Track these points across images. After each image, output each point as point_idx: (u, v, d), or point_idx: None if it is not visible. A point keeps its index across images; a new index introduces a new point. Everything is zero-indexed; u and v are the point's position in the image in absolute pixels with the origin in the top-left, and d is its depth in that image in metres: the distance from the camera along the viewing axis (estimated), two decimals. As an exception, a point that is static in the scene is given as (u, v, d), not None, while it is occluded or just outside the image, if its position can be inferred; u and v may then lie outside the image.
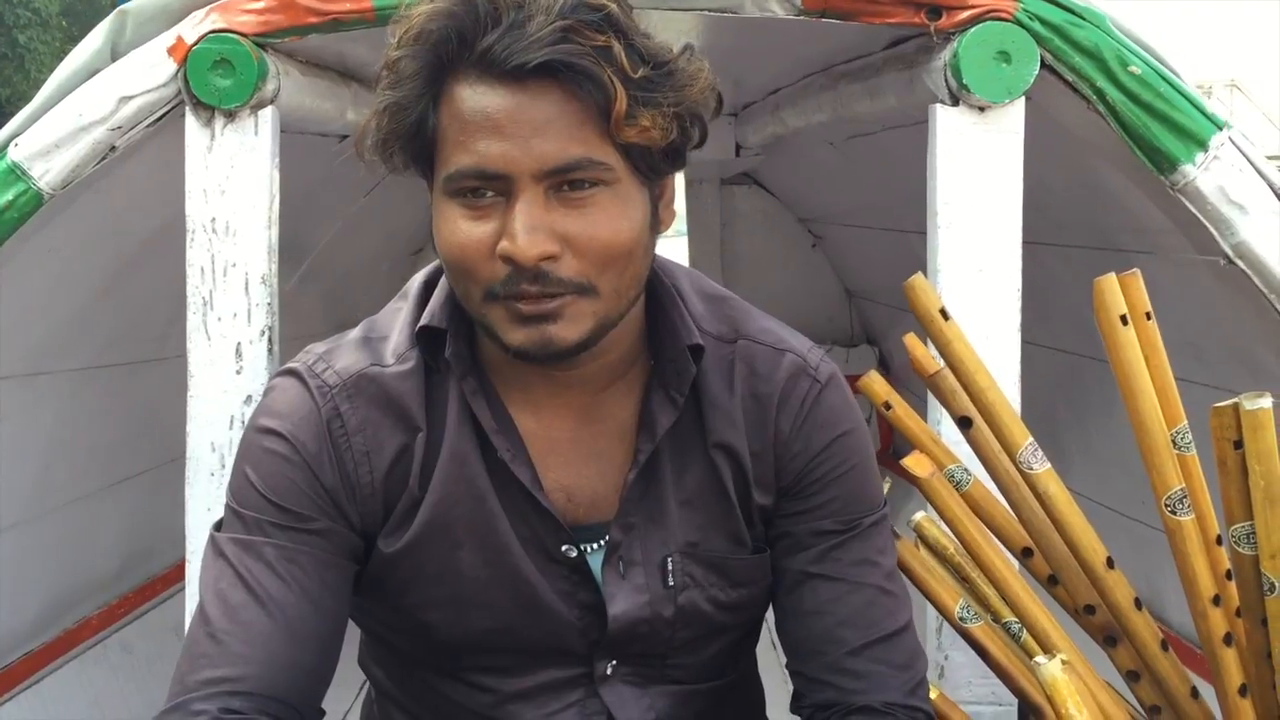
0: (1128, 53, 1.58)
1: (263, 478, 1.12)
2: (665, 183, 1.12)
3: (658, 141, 1.04)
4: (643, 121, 1.02)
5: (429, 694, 1.23)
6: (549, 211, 1.03)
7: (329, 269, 3.20)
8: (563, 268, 1.04)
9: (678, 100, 1.04)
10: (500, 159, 1.02)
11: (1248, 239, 1.59)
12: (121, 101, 1.61)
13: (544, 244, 1.02)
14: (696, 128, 1.09)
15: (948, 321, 1.32)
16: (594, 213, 1.04)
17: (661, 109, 1.03)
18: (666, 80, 1.04)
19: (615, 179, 1.05)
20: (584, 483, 1.17)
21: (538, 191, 1.03)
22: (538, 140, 1.01)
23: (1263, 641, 1.17)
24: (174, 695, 1.06)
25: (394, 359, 1.15)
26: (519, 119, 1.01)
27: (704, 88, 1.07)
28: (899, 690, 1.16)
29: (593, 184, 1.04)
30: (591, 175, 1.03)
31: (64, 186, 1.64)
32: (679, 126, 1.06)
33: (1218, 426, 1.11)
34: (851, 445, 1.20)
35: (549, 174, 1.02)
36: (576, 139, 1.02)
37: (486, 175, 1.03)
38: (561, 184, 1.03)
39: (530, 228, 1.02)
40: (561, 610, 1.17)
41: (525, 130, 1.01)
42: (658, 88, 1.03)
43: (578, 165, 1.02)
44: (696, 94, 1.06)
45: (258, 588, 1.08)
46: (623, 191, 1.05)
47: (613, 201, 1.05)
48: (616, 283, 1.07)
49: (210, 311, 1.63)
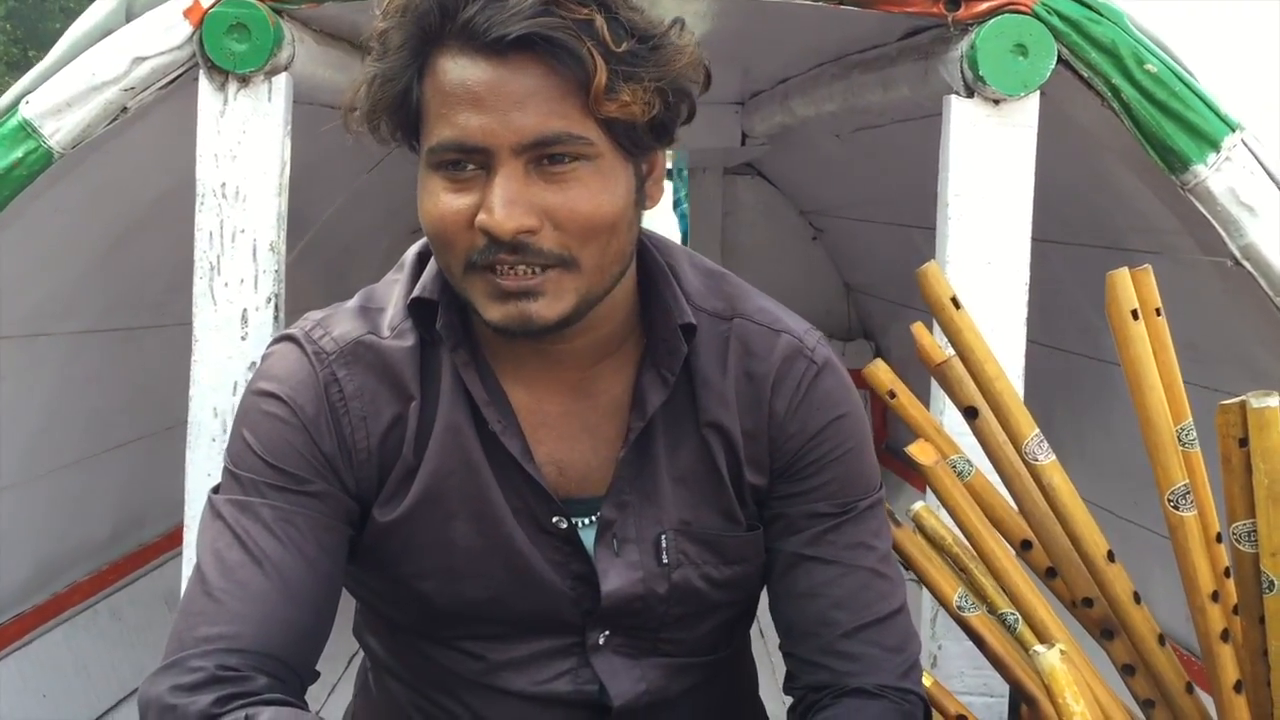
0: (1145, 51, 1.59)
1: (260, 440, 1.12)
2: (653, 158, 1.12)
3: (639, 116, 1.04)
4: (623, 96, 1.02)
5: (423, 662, 1.23)
6: (529, 185, 1.03)
7: (329, 243, 3.20)
8: (543, 240, 1.04)
9: (660, 75, 1.04)
10: (479, 132, 1.02)
11: (1256, 241, 1.59)
12: (135, 62, 1.60)
13: (521, 217, 1.02)
14: (683, 104, 1.08)
15: (959, 311, 1.32)
16: (574, 187, 1.04)
17: (644, 83, 1.03)
18: (651, 55, 1.03)
19: (596, 153, 1.04)
20: (576, 457, 1.17)
21: (517, 165, 1.03)
22: (517, 113, 1.01)
23: (1259, 639, 1.18)
24: (171, 652, 1.07)
25: (389, 331, 1.15)
26: (499, 92, 1.01)
27: (689, 63, 1.06)
28: (892, 673, 1.17)
29: (573, 158, 1.04)
30: (571, 149, 1.03)
31: (74, 146, 1.64)
32: (662, 101, 1.05)
33: (1223, 424, 1.12)
34: (848, 428, 1.20)
35: (528, 147, 1.02)
36: (556, 113, 1.02)
37: (466, 148, 1.03)
38: (542, 158, 1.03)
39: (508, 201, 1.02)
40: (554, 580, 1.17)
41: (505, 103, 1.01)
42: (641, 62, 1.03)
43: (557, 139, 1.02)
44: (681, 69, 1.05)
45: (254, 548, 1.09)
46: (604, 166, 1.05)
47: (594, 176, 1.04)
48: (599, 258, 1.06)
49: (217, 277, 1.62)
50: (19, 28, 15.51)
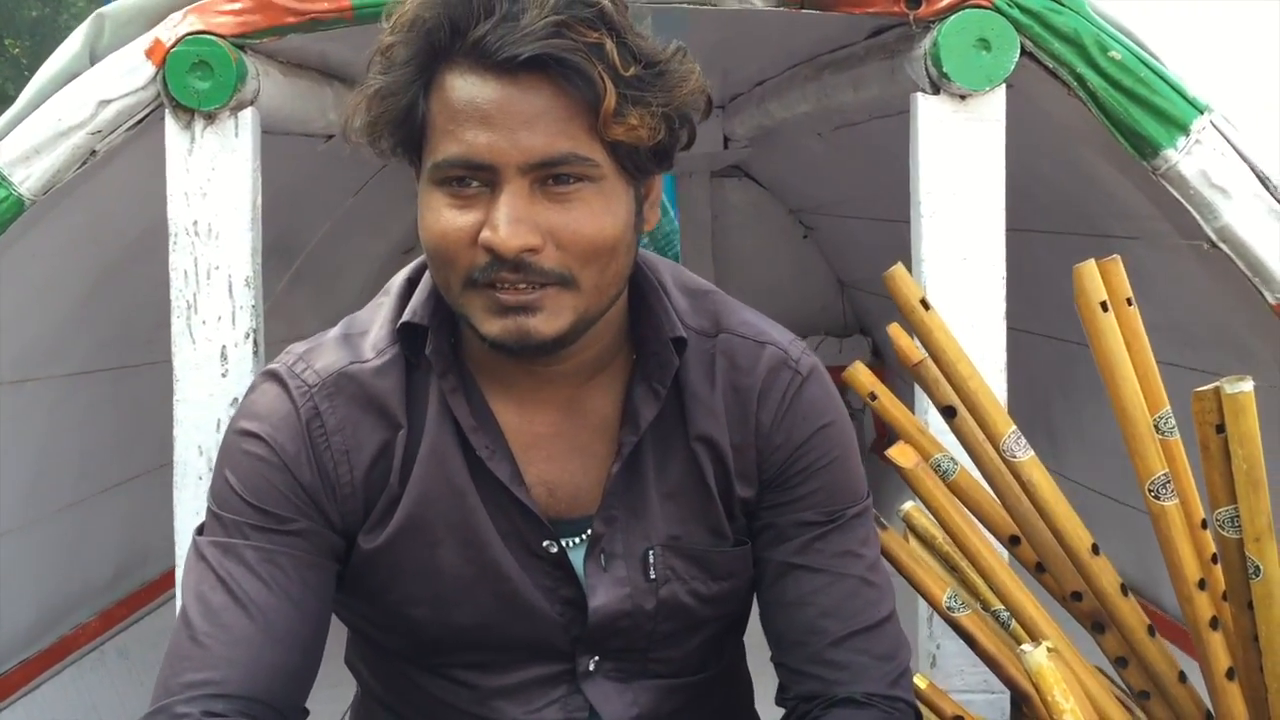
0: (1107, 38, 1.58)
1: (242, 480, 1.12)
2: (652, 183, 1.13)
3: (645, 141, 1.04)
4: (631, 120, 1.02)
5: (413, 691, 1.23)
6: (533, 204, 1.03)
7: (320, 269, 3.20)
8: (544, 259, 1.04)
9: (667, 100, 1.05)
10: (487, 150, 1.02)
11: (1231, 223, 1.59)
12: (101, 105, 1.61)
13: (526, 236, 1.03)
14: (685, 129, 1.09)
15: (928, 312, 1.32)
16: (578, 208, 1.04)
17: (651, 108, 1.03)
18: (657, 80, 1.04)
19: (601, 175, 1.05)
20: (566, 477, 1.17)
21: (523, 184, 1.03)
22: (525, 133, 1.02)
23: (1249, 625, 1.17)
24: (157, 698, 1.07)
25: (373, 354, 1.15)
26: (508, 111, 1.02)
27: (694, 89, 1.07)
28: (881, 681, 1.16)
29: (578, 179, 1.04)
30: (577, 170, 1.04)
31: (45, 192, 1.64)
32: (667, 127, 1.06)
33: (1199, 411, 1.11)
34: (833, 437, 1.20)
35: (535, 167, 1.03)
36: (564, 134, 1.02)
37: (473, 165, 1.03)
38: (547, 178, 1.04)
39: (513, 219, 1.02)
40: (543, 606, 1.17)
41: (513, 122, 1.02)
42: (648, 87, 1.03)
43: (564, 160, 1.03)
44: (686, 95, 1.06)
45: (238, 590, 1.09)
46: (608, 188, 1.06)
47: (597, 197, 1.05)
48: (598, 279, 1.07)
49: (194, 315, 1.62)
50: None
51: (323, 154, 2.50)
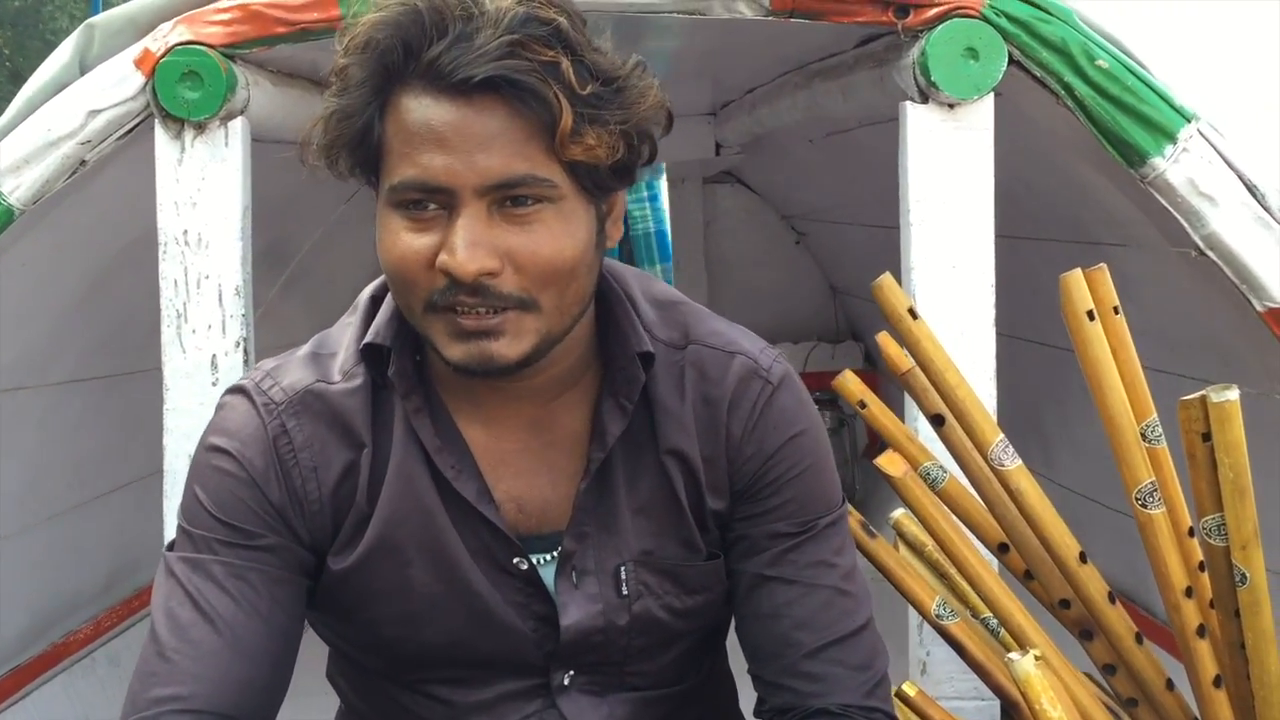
0: (1095, 47, 1.59)
1: (210, 496, 1.12)
2: (613, 199, 1.11)
3: (604, 160, 1.03)
4: (588, 139, 1.01)
5: (392, 706, 1.23)
6: (491, 227, 1.02)
7: (312, 276, 3.20)
8: (504, 283, 1.03)
9: (625, 118, 1.03)
10: (443, 172, 1.01)
11: (1218, 230, 1.59)
12: (90, 115, 1.61)
13: (483, 259, 1.02)
14: (645, 145, 1.08)
15: (916, 321, 1.32)
16: (537, 229, 1.03)
17: (608, 127, 1.02)
18: (615, 98, 1.03)
19: (560, 196, 1.04)
20: (535, 493, 1.17)
21: (480, 206, 1.02)
22: (481, 155, 1.01)
23: (1236, 632, 1.18)
24: (126, 714, 1.07)
25: (340, 376, 1.15)
26: (463, 133, 1.01)
27: (653, 105, 1.05)
28: (856, 691, 1.16)
29: (536, 200, 1.03)
30: (535, 192, 1.02)
31: (35, 201, 1.64)
32: (626, 144, 1.04)
33: (1185, 419, 1.12)
34: (805, 446, 1.18)
35: (491, 189, 1.02)
36: (521, 155, 1.01)
37: (429, 188, 1.02)
38: (505, 199, 1.03)
39: (470, 243, 1.01)
40: (515, 622, 1.17)
41: (469, 144, 1.01)
42: (605, 105, 1.02)
43: (521, 181, 1.02)
44: (645, 111, 1.05)
45: (206, 606, 1.08)
46: (567, 209, 1.04)
47: (556, 219, 1.04)
48: (559, 300, 1.06)
49: (184, 324, 1.63)
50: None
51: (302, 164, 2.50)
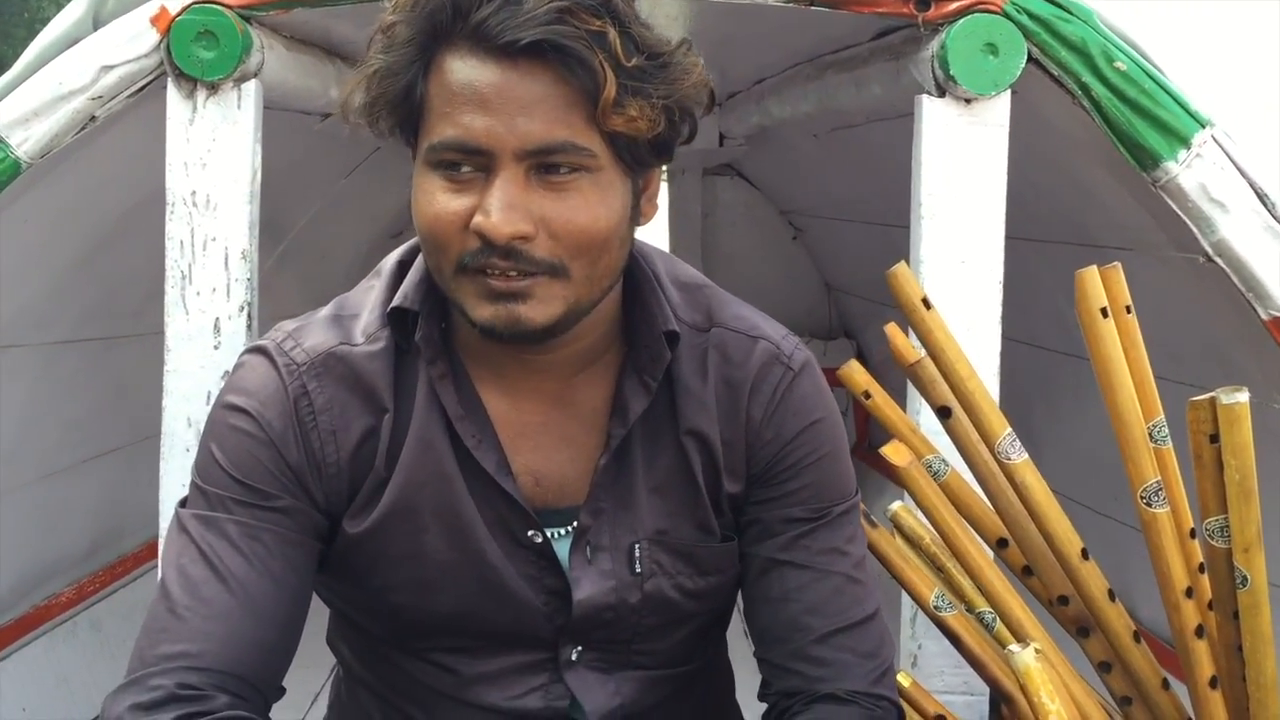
0: (1114, 48, 1.59)
1: (227, 455, 1.11)
2: (650, 176, 1.12)
3: (644, 132, 1.03)
4: (630, 111, 1.01)
5: (395, 674, 1.23)
6: (527, 191, 1.03)
7: (308, 250, 3.19)
8: (536, 248, 1.03)
9: (668, 93, 1.04)
10: (484, 134, 1.01)
11: (1227, 237, 1.60)
12: (102, 71, 1.59)
13: (518, 223, 1.02)
14: (686, 123, 1.08)
15: (929, 311, 1.32)
16: (573, 197, 1.04)
17: (651, 100, 1.02)
18: (660, 72, 1.03)
19: (598, 166, 1.04)
20: (553, 467, 1.17)
21: (518, 170, 1.02)
22: (523, 119, 1.01)
23: (1234, 634, 1.18)
24: (133, 669, 1.06)
25: (363, 338, 1.14)
26: (506, 96, 1.01)
27: (697, 83, 1.06)
28: (864, 678, 1.16)
29: (574, 169, 1.03)
30: (573, 160, 1.03)
31: (42, 155, 1.63)
32: (667, 119, 1.05)
33: (1194, 420, 1.12)
34: (823, 433, 1.19)
35: (531, 154, 1.02)
36: (562, 122, 1.01)
37: (468, 149, 1.02)
38: (543, 166, 1.03)
39: (506, 205, 1.02)
40: (527, 595, 1.17)
41: (511, 108, 1.01)
42: (650, 79, 1.02)
43: (560, 148, 1.02)
44: (689, 88, 1.05)
45: (219, 564, 1.08)
46: (604, 180, 1.05)
47: (593, 188, 1.04)
48: (590, 270, 1.06)
49: (189, 286, 1.61)
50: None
51: (318, 133, 2.49)
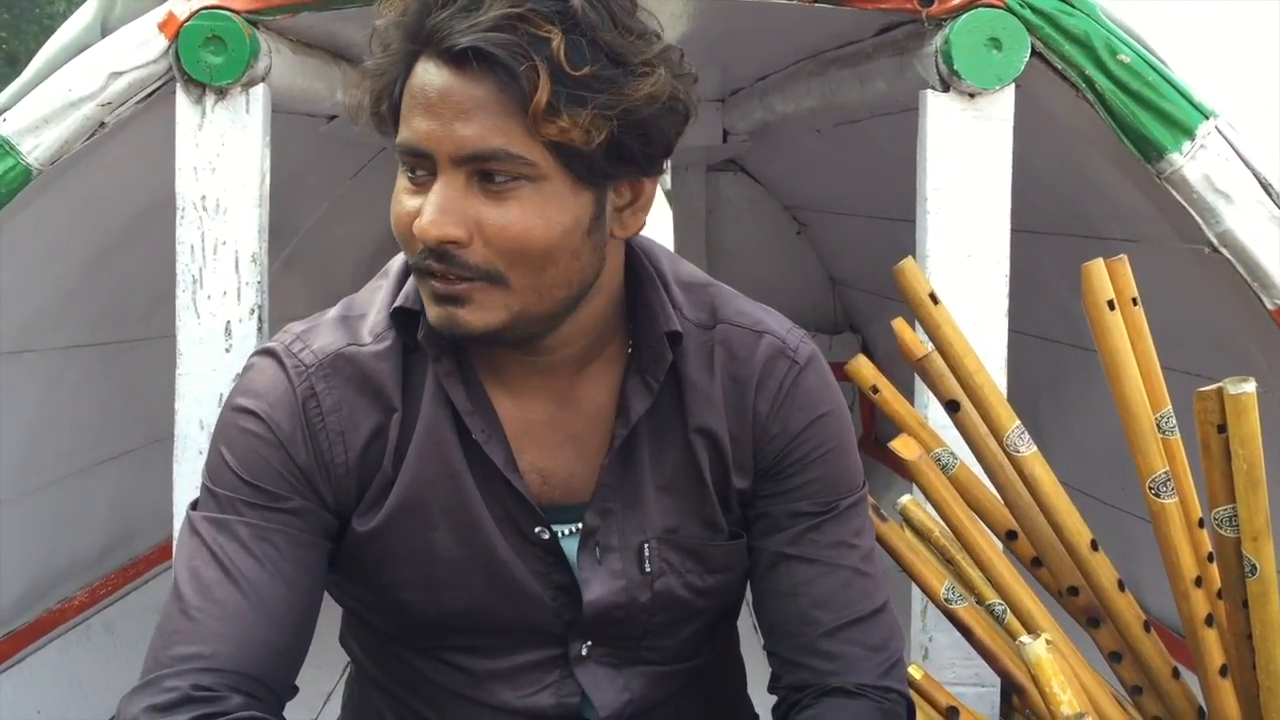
0: (1117, 41, 1.60)
1: (237, 457, 1.12)
2: (635, 186, 1.10)
3: (580, 143, 1.02)
4: (563, 121, 1.00)
5: (407, 672, 1.24)
6: (466, 196, 1.03)
7: (315, 251, 3.20)
8: (471, 254, 1.04)
9: (611, 103, 1.02)
10: (426, 137, 1.03)
11: (1232, 227, 1.61)
12: (112, 77, 1.60)
13: (447, 227, 1.02)
14: (651, 135, 1.05)
15: (937, 305, 1.33)
16: (511, 206, 1.03)
17: (590, 111, 1.01)
18: (611, 82, 1.02)
19: (539, 175, 1.03)
20: (560, 465, 1.17)
21: (458, 175, 1.03)
22: (460, 124, 1.01)
23: (1243, 622, 1.19)
24: (147, 671, 1.07)
25: (371, 338, 1.15)
26: (448, 100, 1.02)
27: (649, 95, 1.03)
28: (873, 671, 1.17)
29: (513, 177, 1.03)
30: (509, 169, 1.02)
31: (53, 162, 1.64)
32: (609, 130, 1.02)
33: (1202, 410, 1.13)
34: (830, 427, 1.19)
35: (466, 160, 1.02)
36: (498, 129, 1.01)
37: (414, 152, 1.04)
38: (482, 172, 1.03)
39: (439, 208, 1.02)
40: (536, 590, 1.17)
41: (450, 112, 1.02)
42: (596, 88, 1.01)
43: (494, 155, 1.02)
44: (639, 99, 1.02)
45: (231, 566, 1.09)
46: (548, 189, 1.04)
47: (534, 198, 1.04)
48: (533, 280, 1.06)
49: (200, 289, 1.62)
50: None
51: (323, 135, 2.50)
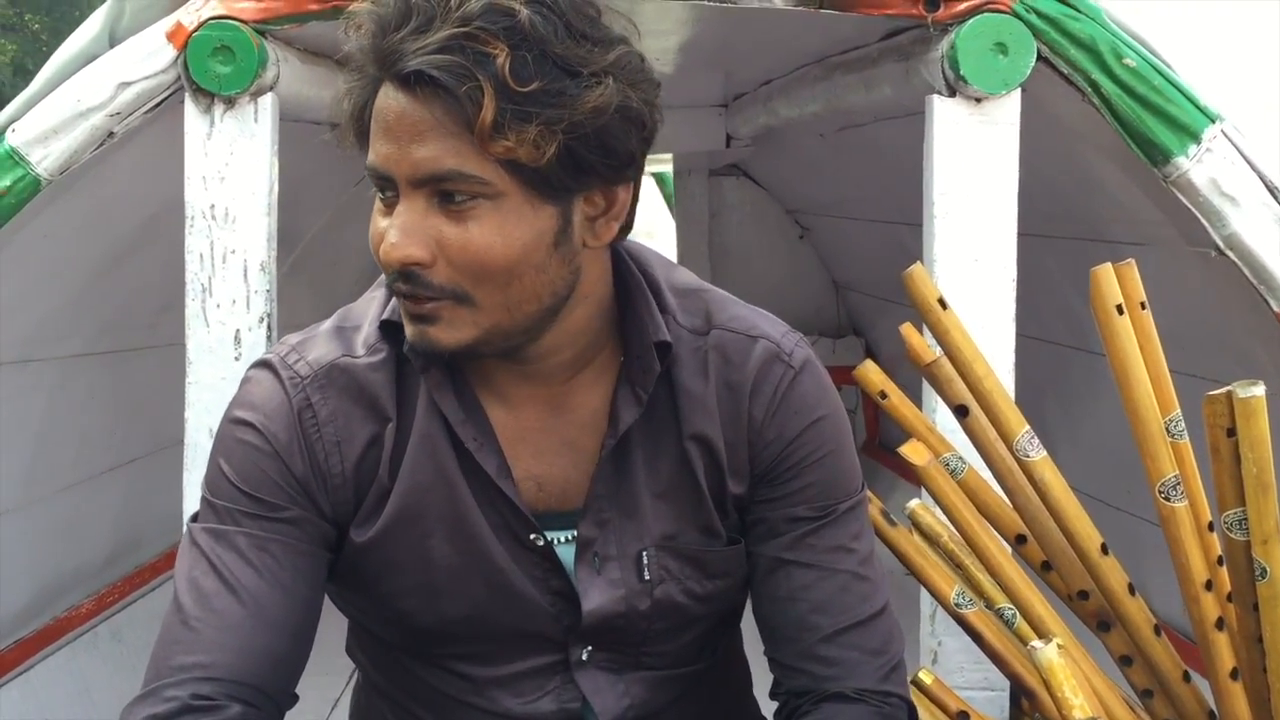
0: (1123, 45, 1.60)
1: (235, 468, 1.13)
2: (600, 195, 1.09)
3: (529, 159, 1.02)
4: (508, 139, 1.00)
5: (411, 680, 1.24)
6: (427, 217, 1.04)
7: (320, 258, 3.20)
8: (435, 274, 1.05)
9: (557, 118, 1.01)
10: (385, 160, 1.03)
11: (1239, 230, 1.61)
12: (120, 87, 1.61)
13: (408, 249, 1.03)
14: (608, 145, 1.05)
15: (946, 311, 1.33)
16: (471, 225, 1.04)
17: (534, 125, 1.00)
18: (560, 95, 1.01)
19: (496, 193, 1.03)
20: (554, 472, 1.18)
21: (418, 197, 1.04)
22: (415, 146, 1.02)
23: (1253, 626, 1.19)
24: (148, 680, 1.08)
25: (364, 349, 1.16)
26: (404, 123, 1.02)
27: (596, 107, 1.02)
28: (872, 676, 1.17)
29: (471, 196, 1.03)
30: (465, 188, 1.03)
31: (62, 172, 1.64)
32: (557, 145, 1.01)
33: (1211, 414, 1.13)
34: (826, 431, 1.19)
35: (422, 181, 1.03)
36: (451, 150, 1.02)
37: (378, 175, 1.05)
38: (440, 193, 1.04)
39: (402, 230, 1.03)
40: (534, 596, 1.18)
41: (407, 135, 1.02)
42: (544, 103, 1.01)
43: (448, 177, 1.02)
44: (588, 111, 1.02)
45: (230, 576, 1.10)
46: (506, 206, 1.04)
47: (492, 215, 1.04)
48: (500, 297, 1.06)
49: (209, 298, 1.63)
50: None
51: (327, 142, 2.50)
